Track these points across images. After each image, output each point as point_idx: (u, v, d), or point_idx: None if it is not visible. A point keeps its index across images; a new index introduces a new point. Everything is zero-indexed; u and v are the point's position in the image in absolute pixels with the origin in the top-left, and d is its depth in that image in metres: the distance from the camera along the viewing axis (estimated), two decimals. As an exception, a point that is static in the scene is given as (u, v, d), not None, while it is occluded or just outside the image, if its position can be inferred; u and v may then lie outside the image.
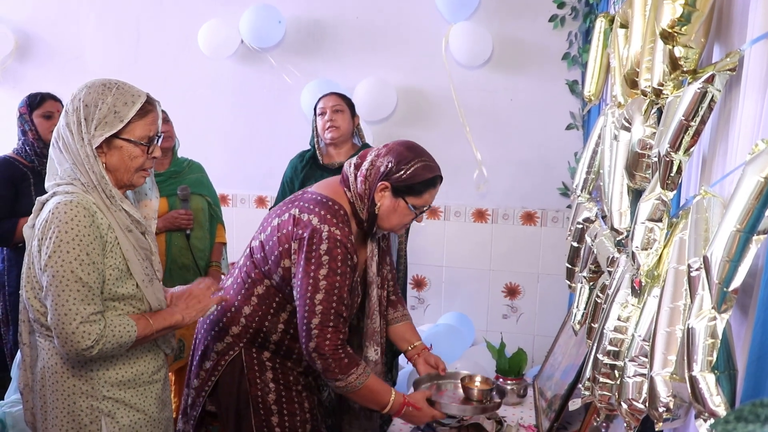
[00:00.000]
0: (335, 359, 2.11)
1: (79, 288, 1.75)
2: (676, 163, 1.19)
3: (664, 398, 1.09)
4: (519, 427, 2.47)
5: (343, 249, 2.11)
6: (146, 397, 1.98)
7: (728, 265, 0.92)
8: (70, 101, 1.85)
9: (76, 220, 1.75)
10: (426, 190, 2.18)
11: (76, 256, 1.75)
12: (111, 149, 1.83)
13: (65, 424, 1.88)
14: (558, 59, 3.92)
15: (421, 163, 2.16)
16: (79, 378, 1.88)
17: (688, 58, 1.18)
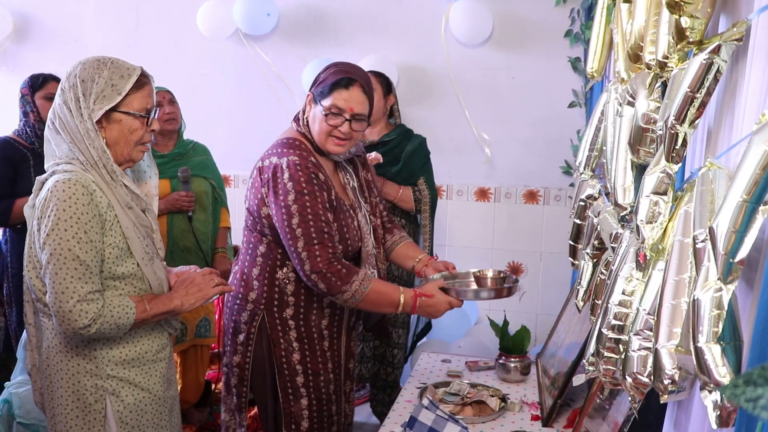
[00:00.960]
0: (333, 272, 2.17)
1: (77, 266, 1.75)
2: (681, 135, 1.18)
3: (669, 370, 1.09)
4: (522, 404, 2.48)
5: (304, 171, 2.18)
6: (150, 376, 1.99)
7: (734, 235, 0.91)
8: (65, 79, 1.84)
9: (74, 198, 1.75)
10: (333, 91, 2.21)
11: (74, 234, 1.74)
12: (110, 123, 1.84)
13: (70, 403, 1.90)
14: (560, 36, 3.90)
15: (334, 68, 2.25)
16: (83, 357, 1.89)
17: (694, 28, 1.17)
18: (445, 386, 2.57)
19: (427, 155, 3.48)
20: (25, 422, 2.72)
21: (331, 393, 2.41)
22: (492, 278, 2.46)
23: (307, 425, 2.38)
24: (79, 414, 1.90)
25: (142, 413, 1.97)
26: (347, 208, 2.33)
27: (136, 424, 1.96)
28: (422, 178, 3.41)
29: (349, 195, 2.39)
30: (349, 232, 2.31)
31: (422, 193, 3.39)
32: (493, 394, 2.49)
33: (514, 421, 2.36)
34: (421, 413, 2.23)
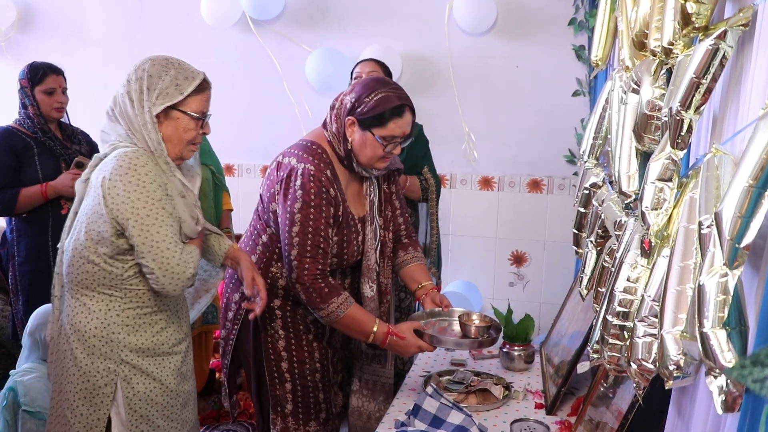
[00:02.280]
0: (315, 288, 2.23)
1: (171, 223, 1.87)
2: (686, 121, 1.18)
3: (674, 356, 1.09)
4: (526, 392, 2.49)
5: (317, 183, 2.20)
6: (164, 368, 2.02)
7: (740, 220, 0.91)
8: (132, 71, 1.94)
9: (148, 166, 1.86)
10: (390, 120, 2.20)
11: (161, 195, 1.86)
12: (168, 120, 1.93)
13: (80, 383, 1.93)
14: (564, 25, 3.88)
15: (382, 94, 2.20)
16: (100, 339, 1.93)
17: (700, 13, 1.16)
18: (449, 375, 2.57)
19: (427, 143, 3.46)
20: (31, 410, 2.74)
21: (317, 381, 2.45)
22: (476, 327, 2.41)
23: (292, 408, 2.44)
24: (86, 395, 1.93)
25: (151, 403, 2.00)
26: (355, 222, 2.34)
27: (145, 413, 1.98)
28: (426, 166, 3.40)
29: (365, 207, 2.39)
30: (349, 246, 2.34)
31: (428, 182, 3.38)
32: (497, 383, 2.50)
33: (518, 409, 2.37)
34: (426, 401, 2.24)
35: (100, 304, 1.95)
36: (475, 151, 4.12)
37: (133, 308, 1.99)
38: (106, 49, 4.56)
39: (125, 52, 4.49)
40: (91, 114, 3.95)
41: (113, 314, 1.96)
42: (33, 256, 3.26)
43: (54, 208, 3.25)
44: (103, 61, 4.55)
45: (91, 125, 3.60)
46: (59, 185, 3.19)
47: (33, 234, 3.25)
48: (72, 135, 3.38)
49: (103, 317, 1.95)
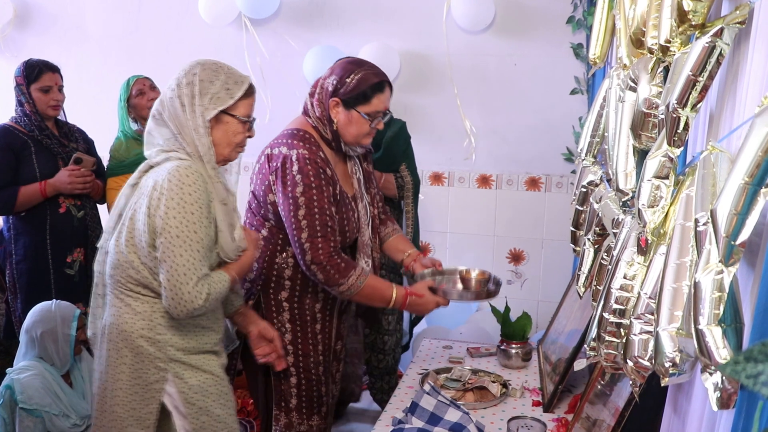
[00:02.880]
0: (332, 265, 2.27)
1: (199, 249, 1.89)
2: (683, 119, 1.18)
3: (670, 353, 1.09)
4: (523, 390, 2.49)
5: (313, 165, 2.27)
6: (210, 361, 2.07)
7: (736, 218, 0.91)
8: (182, 75, 1.96)
9: (195, 185, 1.87)
10: (373, 96, 2.30)
11: (198, 218, 1.87)
12: (218, 124, 1.96)
13: (129, 380, 1.96)
14: (562, 23, 3.88)
15: (361, 73, 2.30)
16: (147, 339, 1.96)
17: (696, 11, 1.16)
18: (446, 372, 2.58)
19: (408, 140, 3.43)
20: (28, 407, 2.74)
21: (320, 374, 2.48)
22: (476, 280, 2.56)
23: (296, 402, 2.47)
24: (137, 390, 1.97)
25: (207, 394, 2.04)
26: (349, 200, 2.41)
27: (202, 404, 2.02)
28: (404, 164, 3.36)
29: (354, 185, 2.46)
30: (349, 224, 2.39)
31: (405, 180, 3.35)
32: (494, 380, 2.50)
33: (515, 406, 2.37)
34: (423, 399, 2.24)
35: (145, 306, 1.97)
36: (473, 149, 4.11)
37: None
38: (104, 46, 4.55)
39: (123, 50, 4.49)
40: (88, 111, 3.95)
41: (158, 315, 1.98)
42: (31, 254, 3.25)
43: (52, 206, 3.24)
44: (101, 59, 4.54)
45: (88, 122, 3.61)
46: (58, 183, 3.19)
47: (31, 232, 3.25)
48: (69, 133, 3.37)
49: (149, 318, 1.97)
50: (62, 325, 2.84)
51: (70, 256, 3.29)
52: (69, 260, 3.29)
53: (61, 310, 2.87)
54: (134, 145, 3.38)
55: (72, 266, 3.30)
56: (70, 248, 3.29)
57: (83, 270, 3.34)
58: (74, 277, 3.31)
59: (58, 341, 2.83)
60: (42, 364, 2.85)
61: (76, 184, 3.21)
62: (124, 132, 3.41)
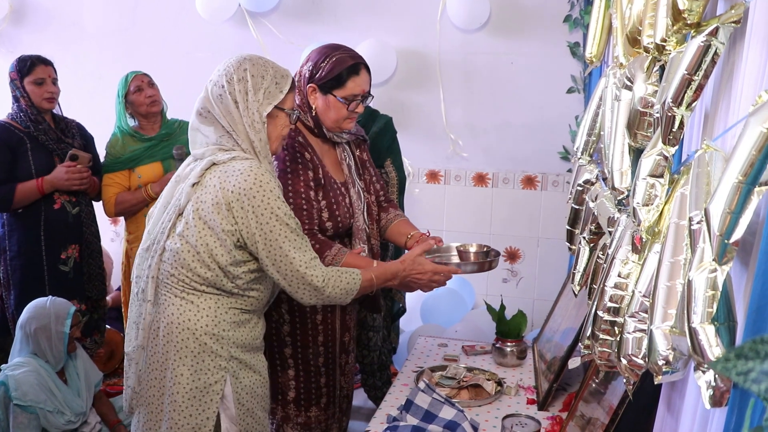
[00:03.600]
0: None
1: (295, 238, 1.92)
2: (678, 118, 1.19)
3: (663, 351, 1.10)
4: (518, 388, 2.50)
5: (290, 150, 2.31)
6: (259, 359, 2.08)
7: (729, 216, 0.92)
8: (232, 71, 1.95)
9: (272, 183, 1.90)
10: (348, 79, 2.30)
11: (285, 212, 1.90)
12: (270, 119, 1.97)
13: (190, 383, 1.94)
14: (559, 21, 3.88)
15: (336, 56, 2.31)
16: (211, 336, 1.95)
17: (692, 10, 1.16)
18: (441, 370, 2.58)
19: (394, 135, 3.36)
20: (22, 404, 2.74)
21: (320, 365, 2.48)
22: (474, 252, 2.54)
23: (294, 395, 2.48)
24: (196, 394, 1.95)
25: (255, 396, 2.05)
26: (338, 186, 2.41)
27: (249, 406, 2.03)
28: (389, 159, 3.30)
29: (344, 172, 2.46)
30: (339, 208, 2.38)
31: (389, 176, 3.30)
32: (489, 378, 2.51)
33: (510, 404, 2.38)
34: (418, 396, 2.24)
35: (209, 302, 1.96)
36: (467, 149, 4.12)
37: (238, 307, 2.01)
38: (101, 41, 4.54)
39: (120, 45, 4.48)
40: (84, 107, 3.94)
41: (222, 311, 1.98)
42: (25, 251, 3.25)
43: (47, 203, 3.24)
44: (98, 54, 4.53)
45: (85, 118, 3.60)
46: (55, 179, 3.19)
47: (26, 228, 3.24)
48: (66, 128, 3.37)
49: (213, 314, 1.96)
50: (56, 323, 2.84)
51: (64, 253, 3.29)
52: (63, 257, 3.29)
53: (55, 307, 2.87)
54: (130, 142, 3.38)
55: (66, 263, 3.30)
56: (64, 245, 3.29)
57: (78, 267, 3.34)
58: (69, 273, 3.30)
59: (51, 338, 2.83)
60: (37, 360, 2.84)
61: (74, 181, 3.21)
62: (121, 128, 3.40)
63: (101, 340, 3.61)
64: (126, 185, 3.39)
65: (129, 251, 3.47)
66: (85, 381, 3.01)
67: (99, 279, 3.46)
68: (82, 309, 3.34)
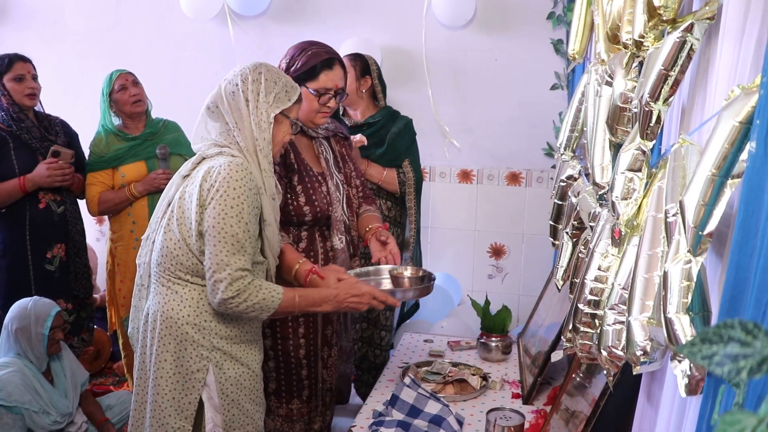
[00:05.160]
0: None
1: (233, 243, 1.94)
2: (655, 113, 1.20)
3: (641, 342, 1.11)
4: (503, 382, 2.52)
5: None
6: (249, 353, 2.11)
7: (703, 209, 0.93)
8: (248, 72, 2.04)
9: (241, 182, 1.94)
10: (320, 72, 2.36)
11: (236, 214, 1.93)
12: (275, 123, 2.06)
13: (173, 368, 2.02)
14: (543, 18, 3.91)
15: (312, 50, 2.39)
16: (193, 326, 2.01)
17: (667, 6, 1.18)
18: (427, 365, 2.60)
19: (413, 136, 3.48)
20: (7, 405, 2.72)
21: (301, 357, 2.49)
22: (409, 277, 2.40)
23: (275, 386, 2.50)
24: (179, 379, 2.02)
25: (241, 387, 2.08)
26: (315, 174, 2.45)
27: (235, 397, 2.07)
28: (407, 159, 3.41)
29: (322, 164, 2.50)
30: (316, 194, 2.42)
31: (407, 176, 3.40)
32: (474, 373, 2.53)
33: (494, 399, 2.40)
34: (403, 391, 2.26)
35: (192, 293, 2.03)
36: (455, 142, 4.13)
37: None
38: (84, 39, 4.51)
39: (103, 43, 4.46)
40: (67, 106, 3.92)
41: (204, 302, 2.04)
42: (10, 250, 3.23)
43: (32, 202, 3.22)
44: (81, 52, 4.51)
45: (70, 115, 3.58)
46: (37, 177, 3.17)
47: (10, 228, 3.23)
48: (50, 126, 3.35)
49: (195, 305, 2.02)
50: (35, 324, 2.82)
51: (50, 252, 3.27)
52: (49, 256, 3.27)
53: (36, 308, 2.85)
54: (114, 141, 3.37)
55: (52, 262, 3.28)
56: (50, 244, 3.27)
57: (64, 266, 3.32)
58: (54, 272, 3.29)
59: (31, 339, 2.82)
60: (22, 360, 2.83)
61: (56, 177, 3.19)
62: (105, 127, 3.39)
63: (90, 339, 3.59)
64: (109, 184, 3.37)
65: (113, 250, 3.46)
66: (72, 380, 3.00)
67: (85, 277, 3.45)
68: (69, 308, 3.33)
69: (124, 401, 3.26)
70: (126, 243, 3.39)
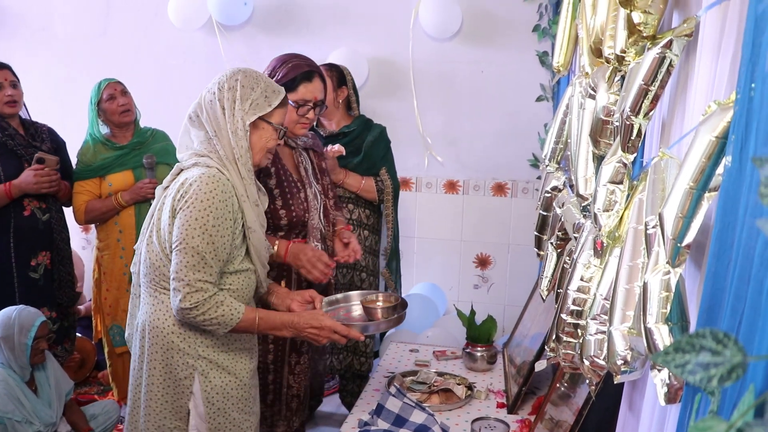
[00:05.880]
0: None
1: (193, 255, 1.92)
2: (636, 126, 1.23)
3: (621, 351, 1.13)
4: (488, 392, 2.53)
5: None
6: (238, 362, 2.10)
7: (682, 221, 0.96)
8: (224, 80, 2.04)
9: (210, 194, 1.92)
10: (300, 84, 2.43)
11: (199, 227, 1.92)
12: (254, 129, 2.05)
13: (161, 375, 2.03)
14: (528, 31, 3.94)
15: (293, 62, 2.46)
16: (177, 335, 2.02)
17: (647, 23, 1.21)
18: (412, 375, 2.61)
19: (388, 144, 3.50)
20: (-9, 414, 2.71)
21: (268, 363, 2.53)
22: (382, 307, 2.30)
23: None
24: (170, 383, 2.04)
25: (228, 397, 2.07)
26: (294, 180, 2.51)
27: (221, 406, 2.06)
28: (384, 168, 3.43)
29: (301, 172, 2.55)
30: (294, 199, 2.47)
31: (384, 183, 3.42)
32: (459, 383, 2.54)
33: (480, 408, 2.41)
34: (389, 401, 2.27)
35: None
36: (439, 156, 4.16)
37: None
38: (72, 47, 4.51)
39: (91, 51, 4.46)
40: (54, 114, 3.92)
41: None
42: (-6, 259, 3.22)
43: (16, 209, 3.21)
44: (69, 60, 4.50)
45: (57, 123, 3.58)
46: (23, 183, 3.15)
47: (-6, 235, 3.21)
48: (36, 133, 3.34)
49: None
50: (19, 334, 2.81)
51: (34, 260, 3.26)
52: (33, 263, 3.26)
53: (21, 318, 2.84)
54: (102, 150, 3.36)
55: (37, 270, 3.27)
56: (35, 251, 3.26)
57: (48, 274, 3.31)
58: (39, 280, 3.28)
59: (14, 349, 2.81)
60: (5, 369, 2.82)
61: (42, 184, 3.17)
62: (93, 135, 3.39)
63: (72, 348, 3.57)
64: (96, 193, 3.37)
65: (100, 259, 3.45)
66: (56, 390, 2.98)
67: (70, 285, 3.44)
68: (53, 316, 3.31)
69: (108, 410, 3.25)
70: (112, 252, 3.39)
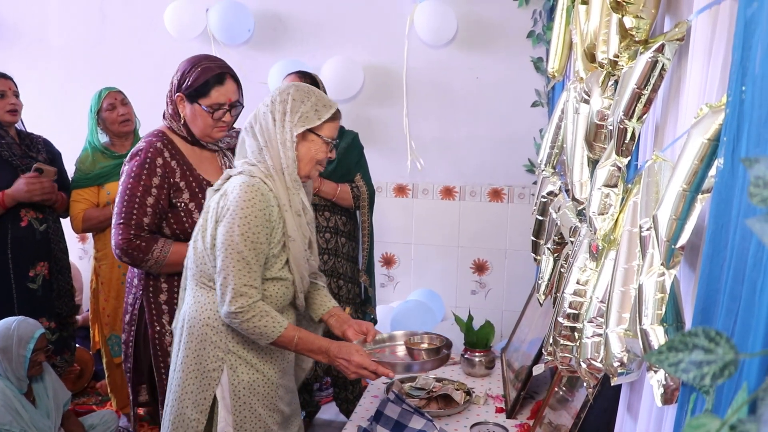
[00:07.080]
0: (132, 248, 2.36)
1: (239, 260, 2.00)
2: (629, 130, 1.24)
3: (618, 353, 1.14)
4: (487, 397, 2.53)
5: (143, 155, 2.40)
6: (267, 361, 2.15)
7: (675, 223, 0.96)
8: (277, 94, 2.11)
9: (250, 202, 1.99)
10: (212, 88, 2.39)
11: (242, 232, 1.98)
12: (304, 141, 2.10)
13: (193, 364, 2.11)
14: (523, 37, 3.97)
15: (202, 66, 2.40)
16: (212, 328, 2.10)
17: (639, 28, 1.22)
18: (411, 381, 2.61)
19: (361, 150, 3.45)
20: (-11, 424, 2.71)
21: None
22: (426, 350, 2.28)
23: None
24: (197, 374, 2.11)
25: (254, 392, 2.12)
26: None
27: (247, 401, 2.11)
28: (359, 174, 3.39)
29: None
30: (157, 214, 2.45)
31: (360, 189, 3.37)
32: (458, 388, 2.54)
33: (479, 413, 2.41)
34: (388, 407, 2.27)
35: (213, 297, 2.10)
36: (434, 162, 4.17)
37: None
38: (68, 57, 4.52)
39: (87, 61, 4.47)
40: (51, 123, 3.93)
41: None
42: (-9, 269, 3.21)
43: (13, 220, 3.20)
44: (65, 70, 4.51)
45: (53, 133, 3.59)
46: (15, 192, 3.14)
47: (-9, 246, 3.21)
48: (31, 144, 3.34)
49: (215, 309, 2.10)
50: (17, 346, 2.80)
51: (32, 270, 3.26)
52: (32, 274, 3.26)
53: (20, 330, 2.83)
54: (101, 158, 3.37)
55: (35, 280, 3.27)
56: (32, 262, 3.25)
57: (47, 284, 3.30)
58: (37, 291, 3.27)
59: (12, 360, 2.80)
60: (3, 381, 2.81)
61: (35, 192, 3.16)
62: (92, 143, 3.39)
63: (71, 359, 3.57)
64: (94, 201, 3.37)
65: (97, 268, 3.45)
66: (54, 401, 2.98)
67: (68, 295, 3.44)
68: (52, 327, 3.31)
69: (106, 421, 3.24)
70: (110, 261, 3.38)
